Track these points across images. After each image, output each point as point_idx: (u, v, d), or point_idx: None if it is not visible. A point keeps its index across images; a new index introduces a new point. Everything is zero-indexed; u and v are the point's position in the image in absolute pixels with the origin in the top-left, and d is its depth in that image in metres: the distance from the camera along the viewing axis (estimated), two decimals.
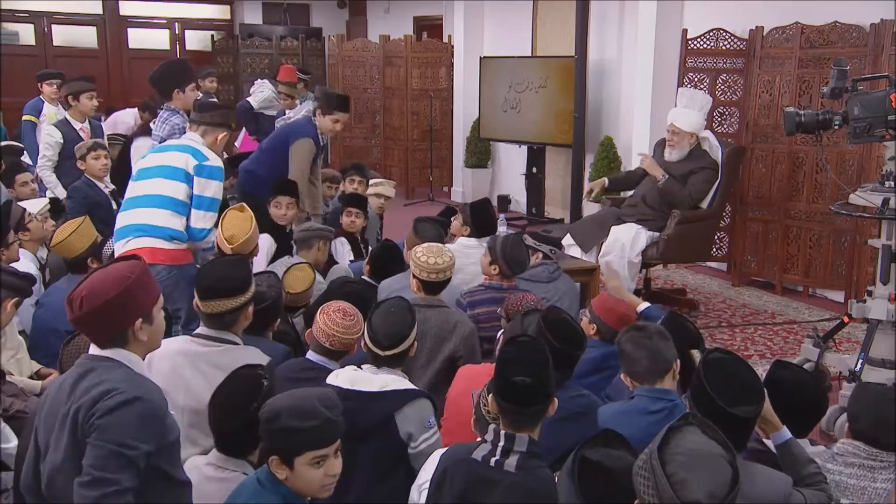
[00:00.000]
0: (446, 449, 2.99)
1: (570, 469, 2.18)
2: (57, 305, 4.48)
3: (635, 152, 8.76)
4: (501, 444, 2.73)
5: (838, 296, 7.41)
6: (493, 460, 2.71)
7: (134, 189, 4.69)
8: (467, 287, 4.93)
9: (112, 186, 6.94)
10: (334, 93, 6.93)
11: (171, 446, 2.59)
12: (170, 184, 4.59)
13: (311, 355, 3.69)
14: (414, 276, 4.36)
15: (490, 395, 2.88)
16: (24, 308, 4.67)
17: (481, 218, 5.63)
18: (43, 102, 8.56)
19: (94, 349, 2.61)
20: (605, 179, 7.49)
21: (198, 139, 4.77)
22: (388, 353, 3.40)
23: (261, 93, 10.12)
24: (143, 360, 2.69)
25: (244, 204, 5.05)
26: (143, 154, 5.47)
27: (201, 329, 3.53)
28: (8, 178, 6.74)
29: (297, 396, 2.66)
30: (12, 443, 3.38)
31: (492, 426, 2.81)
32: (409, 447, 3.29)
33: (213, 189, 4.67)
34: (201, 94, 9.29)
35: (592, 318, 4.29)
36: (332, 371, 3.53)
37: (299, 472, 2.57)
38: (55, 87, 8.61)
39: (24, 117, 8.37)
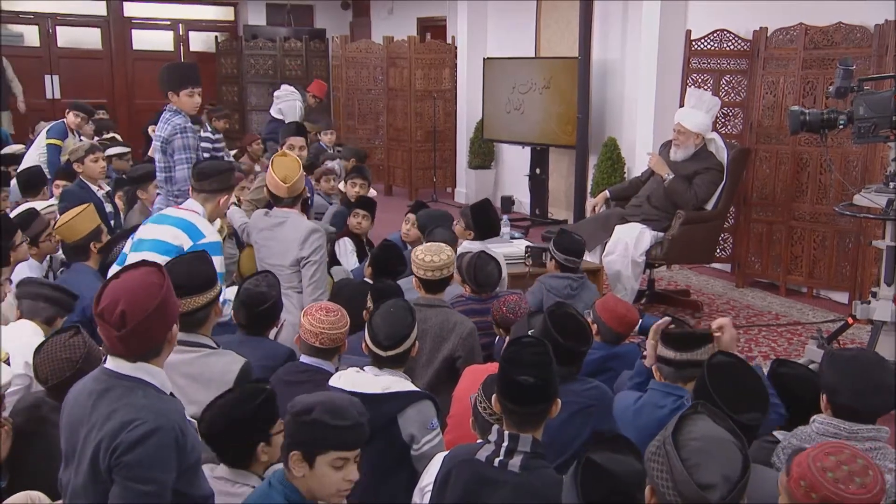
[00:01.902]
0: (450, 450, 2.98)
1: (574, 470, 2.18)
2: None
3: (639, 153, 8.79)
4: (505, 444, 2.72)
5: (842, 297, 7.40)
6: (496, 461, 2.71)
7: (129, 260, 4.58)
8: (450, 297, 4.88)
9: (107, 188, 6.97)
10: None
11: (191, 468, 2.56)
12: (161, 259, 4.51)
13: (304, 358, 3.69)
14: (414, 275, 4.39)
15: (493, 395, 2.87)
16: None
17: (484, 219, 5.63)
18: (67, 130, 8.65)
19: (114, 364, 2.53)
20: (607, 192, 7.51)
21: (199, 208, 4.60)
22: (389, 353, 3.40)
23: (286, 102, 10.13)
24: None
25: (286, 150, 5.17)
26: None
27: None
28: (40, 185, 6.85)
29: (331, 396, 2.67)
30: None
31: (495, 427, 2.81)
32: (412, 449, 3.30)
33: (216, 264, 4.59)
34: (207, 109, 9.34)
35: (594, 319, 4.28)
36: (327, 372, 3.56)
37: (319, 471, 2.55)
38: (79, 119, 8.79)
39: (49, 141, 8.43)
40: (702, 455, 2.04)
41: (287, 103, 10.17)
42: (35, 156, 8.32)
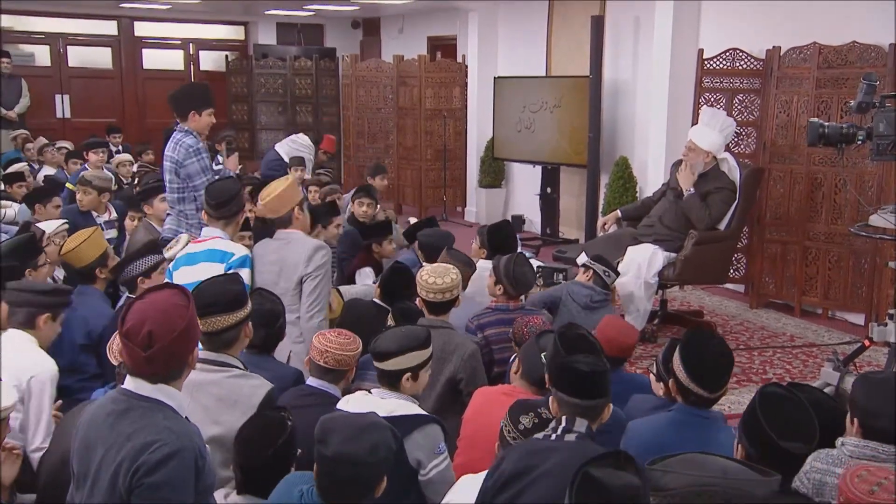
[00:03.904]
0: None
1: (571, 481, 2.17)
2: (74, 318, 4.53)
3: (651, 173, 8.75)
4: (563, 426, 2.78)
5: (858, 318, 7.31)
6: (553, 435, 2.78)
7: None
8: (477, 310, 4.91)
9: (114, 216, 6.96)
10: None
11: (205, 491, 2.56)
12: None
13: (310, 381, 3.66)
14: (419, 296, 4.36)
15: (551, 396, 2.93)
16: None
17: (497, 239, 5.58)
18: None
19: (134, 385, 2.52)
20: (619, 211, 7.47)
21: (219, 233, 4.69)
22: (378, 365, 3.40)
23: (297, 152, 10.01)
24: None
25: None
26: None
27: (201, 353, 3.36)
28: (40, 199, 6.81)
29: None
30: None
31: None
32: (420, 474, 3.26)
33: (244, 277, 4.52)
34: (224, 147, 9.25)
35: None
36: (334, 396, 3.53)
37: None
38: (101, 154, 8.75)
39: (70, 186, 8.42)
40: None
41: (297, 152, 10.00)
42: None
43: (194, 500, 2.46)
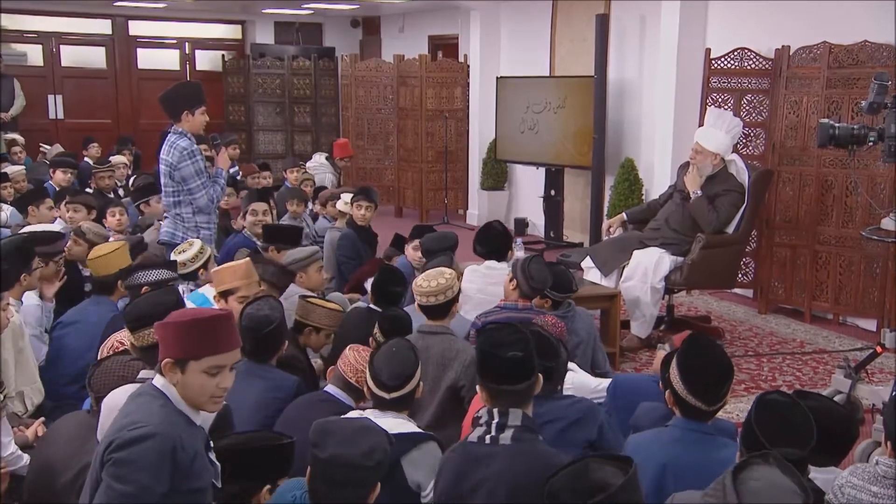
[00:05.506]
0: None
1: (564, 465, 2.22)
2: (83, 327, 4.53)
3: (657, 175, 8.65)
4: (496, 420, 2.84)
5: (870, 324, 7.20)
6: (488, 437, 2.84)
7: None
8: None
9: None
10: None
11: (189, 494, 2.47)
12: None
13: (329, 388, 3.62)
14: (417, 303, 4.32)
15: (478, 385, 2.97)
16: (36, 344, 4.56)
17: (484, 240, 5.53)
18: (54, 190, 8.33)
19: (154, 376, 2.59)
20: (624, 214, 7.37)
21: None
22: (394, 394, 3.27)
23: (317, 175, 9.86)
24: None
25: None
26: None
27: (143, 373, 3.18)
28: (31, 200, 6.69)
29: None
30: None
31: (485, 408, 2.90)
32: (422, 496, 3.18)
33: None
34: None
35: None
36: (347, 405, 3.52)
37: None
38: (69, 175, 8.45)
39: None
40: (759, 498, 1.97)
41: (317, 176, 9.86)
42: None
43: (168, 494, 2.39)
